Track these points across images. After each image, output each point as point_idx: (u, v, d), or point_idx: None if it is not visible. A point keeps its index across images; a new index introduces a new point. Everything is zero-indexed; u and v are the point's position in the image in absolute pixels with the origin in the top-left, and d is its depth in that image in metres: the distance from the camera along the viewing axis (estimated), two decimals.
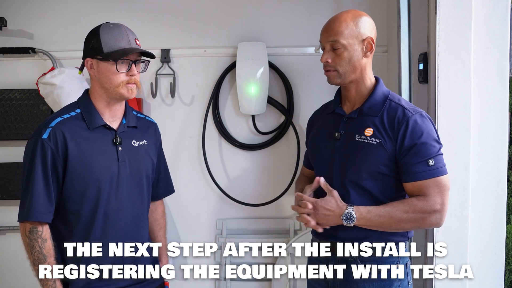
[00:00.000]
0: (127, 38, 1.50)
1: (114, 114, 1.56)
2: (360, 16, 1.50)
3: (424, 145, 1.42)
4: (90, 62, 1.50)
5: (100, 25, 1.51)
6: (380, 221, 1.43)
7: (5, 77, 2.49)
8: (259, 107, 2.42)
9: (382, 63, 2.44)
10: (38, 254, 1.46)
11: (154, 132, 1.69)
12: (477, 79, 1.75)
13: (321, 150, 1.59)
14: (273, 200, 2.48)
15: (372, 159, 1.46)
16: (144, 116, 1.71)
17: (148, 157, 1.63)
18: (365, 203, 1.47)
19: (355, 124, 1.52)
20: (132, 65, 1.49)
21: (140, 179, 1.59)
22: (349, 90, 1.56)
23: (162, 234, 1.77)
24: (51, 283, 1.46)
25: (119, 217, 1.53)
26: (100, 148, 1.51)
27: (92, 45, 1.48)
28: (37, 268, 1.46)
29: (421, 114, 1.47)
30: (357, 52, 1.49)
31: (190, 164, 2.54)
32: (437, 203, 1.42)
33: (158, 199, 1.77)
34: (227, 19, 2.49)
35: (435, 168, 1.43)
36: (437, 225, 1.45)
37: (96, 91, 1.53)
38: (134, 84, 1.51)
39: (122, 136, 1.55)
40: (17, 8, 2.47)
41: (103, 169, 1.50)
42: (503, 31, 1.79)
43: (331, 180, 1.53)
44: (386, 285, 1.48)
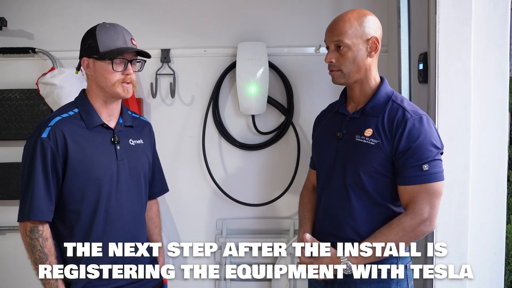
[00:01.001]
0: (123, 38, 1.52)
1: (111, 113, 1.56)
2: (365, 16, 1.49)
3: (419, 149, 1.41)
4: (87, 61, 1.51)
5: (96, 25, 1.52)
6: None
7: (5, 77, 2.49)
8: (259, 107, 2.41)
9: (382, 63, 2.42)
10: (39, 253, 1.46)
11: (149, 132, 1.71)
12: (477, 79, 1.75)
13: (324, 149, 1.59)
14: (273, 200, 2.48)
15: (370, 160, 1.46)
16: (138, 116, 1.72)
17: (145, 156, 1.64)
18: (364, 204, 1.48)
19: (357, 124, 1.52)
20: (128, 64, 1.51)
21: (139, 178, 1.60)
22: (353, 90, 1.55)
23: (157, 233, 1.78)
24: (53, 282, 1.46)
25: (119, 215, 1.53)
26: (99, 147, 1.52)
27: (89, 44, 1.50)
28: (38, 267, 1.46)
29: (421, 117, 1.45)
30: (362, 52, 1.48)
31: (190, 164, 2.54)
32: (425, 212, 1.42)
33: (153, 198, 1.78)
34: (227, 19, 2.49)
35: (429, 173, 1.42)
36: (429, 231, 1.45)
37: (93, 90, 1.54)
38: (130, 84, 1.52)
39: (120, 135, 1.56)
40: (17, 8, 2.47)
41: (103, 168, 1.51)
42: (503, 31, 1.78)
43: (332, 180, 1.54)
44: (385, 286, 1.48)
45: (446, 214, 1.73)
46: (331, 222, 1.54)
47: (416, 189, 1.42)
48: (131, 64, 1.52)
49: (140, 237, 1.61)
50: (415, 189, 1.43)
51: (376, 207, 1.49)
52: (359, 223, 1.49)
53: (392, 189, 1.49)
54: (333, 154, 1.54)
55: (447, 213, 1.73)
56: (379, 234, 1.45)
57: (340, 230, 1.51)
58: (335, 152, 1.54)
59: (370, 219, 1.49)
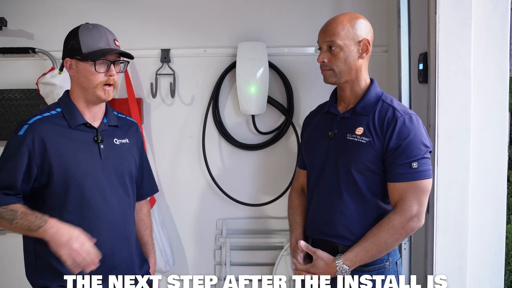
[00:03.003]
0: (105, 39, 1.51)
1: (94, 114, 1.56)
2: (357, 19, 1.54)
3: (409, 146, 1.45)
4: (69, 62, 1.51)
5: (79, 26, 1.52)
6: (370, 254, 1.47)
7: (5, 77, 2.49)
8: (259, 107, 2.41)
9: (382, 63, 2.44)
10: (6, 215, 1.42)
11: (135, 132, 1.70)
12: (477, 79, 1.75)
13: (315, 149, 1.62)
14: (273, 200, 2.48)
15: (361, 157, 1.49)
16: (124, 116, 1.71)
17: (131, 156, 1.63)
18: (355, 202, 1.51)
19: (347, 123, 1.55)
20: (111, 66, 1.50)
21: (124, 177, 1.59)
22: (344, 90, 1.59)
23: (148, 234, 1.78)
24: (33, 219, 1.41)
25: (106, 215, 1.53)
26: (81, 146, 1.51)
27: (71, 45, 1.50)
28: (14, 224, 1.41)
29: (411, 116, 1.50)
30: (353, 53, 1.52)
31: (190, 164, 2.54)
32: (413, 209, 1.46)
33: (142, 199, 1.77)
34: (227, 19, 2.48)
35: (418, 171, 1.45)
36: (418, 227, 1.49)
37: (75, 91, 1.54)
38: (112, 86, 1.52)
39: (104, 134, 1.56)
40: (17, 8, 2.47)
41: (86, 167, 1.50)
42: (503, 31, 1.78)
43: (324, 178, 1.56)
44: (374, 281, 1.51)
45: (446, 214, 1.74)
46: (323, 220, 1.57)
47: (404, 186, 1.46)
48: (114, 65, 1.51)
49: (129, 236, 1.61)
50: (403, 186, 1.46)
51: (367, 204, 1.52)
52: (351, 220, 1.52)
53: (383, 186, 1.52)
54: (324, 153, 1.57)
55: (447, 213, 1.74)
56: (370, 234, 1.48)
57: (331, 228, 1.54)
58: (326, 151, 1.57)
59: (361, 216, 1.52)
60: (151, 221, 1.82)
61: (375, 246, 1.46)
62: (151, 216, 1.85)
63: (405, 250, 1.97)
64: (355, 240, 1.50)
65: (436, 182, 1.72)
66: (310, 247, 1.54)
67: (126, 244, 1.60)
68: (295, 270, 1.57)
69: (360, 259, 1.47)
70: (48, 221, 1.41)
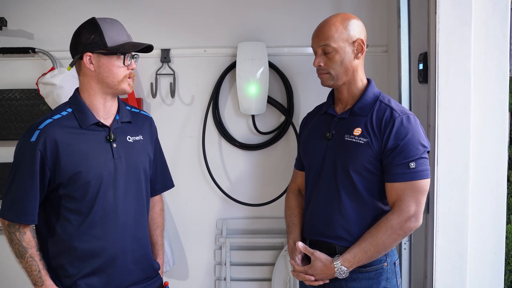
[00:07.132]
0: (126, 33, 1.52)
1: (108, 110, 1.54)
2: (349, 19, 1.53)
3: (407, 146, 1.45)
4: (89, 56, 1.47)
5: (94, 19, 1.49)
6: (369, 255, 1.47)
7: (5, 77, 2.49)
8: (259, 107, 2.41)
9: (382, 63, 2.44)
10: (18, 246, 1.46)
11: (149, 127, 1.68)
12: (477, 79, 1.75)
13: (313, 150, 1.62)
14: (273, 200, 2.48)
15: (359, 158, 1.49)
16: (138, 111, 1.68)
17: (145, 152, 1.61)
18: (354, 202, 1.51)
19: (345, 124, 1.55)
20: (132, 59, 1.51)
21: (138, 175, 1.57)
22: (341, 92, 1.59)
23: (158, 233, 1.76)
24: (36, 274, 1.45)
25: (118, 215, 1.52)
26: (94, 146, 1.49)
27: (92, 39, 1.45)
28: (20, 260, 1.46)
29: (409, 116, 1.50)
30: (348, 54, 1.52)
31: (190, 164, 2.54)
32: (411, 209, 1.45)
33: (155, 195, 1.74)
34: (227, 19, 2.48)
35: (415, 171, 1.45)
36: (416, 227, 1.49)
37: (91, 88, 1.50)
38: (131, 79, 1.52)
39: (116, 132, 1.54)
40: (17, 8, 2.47)
41: (99, 167, 1.48)
42: (503, 31, 1.78)
43: (322, 179, 1.56)
44: (375, 282, 1.52)
45: (446, 214, 1.73)
46: (321, 221, 1.57)
47: (402, 186, 1.46)
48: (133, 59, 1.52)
49: (141, 237, 1.59)
50: (401, 186, 1.46)
51: (365, 205, 1.52)
52: (349, 221, 1.52)
53: (381, 187, 1.52)
54: (322, 154, 1.57)
55: (447, 213, 1.73)
56: (369, 235, 1.48)
57: (330, 229, 1.54)
58: (325, 152, 1.57)
59: (360, 217, 1.52)
60: (163, 219, 1.78)
61: (373, 247, 1.46)
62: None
63: (405, 250, 1.96)
64: (353, 241, 1.50)
65: (436, 182, 1.72)
66: (308, 248, 1.54)
67: (137, 244, 1.58)
68: (293, 271, 1.57)
69: (358, 260, 1.47)
70: (44, 284, 1.46)
